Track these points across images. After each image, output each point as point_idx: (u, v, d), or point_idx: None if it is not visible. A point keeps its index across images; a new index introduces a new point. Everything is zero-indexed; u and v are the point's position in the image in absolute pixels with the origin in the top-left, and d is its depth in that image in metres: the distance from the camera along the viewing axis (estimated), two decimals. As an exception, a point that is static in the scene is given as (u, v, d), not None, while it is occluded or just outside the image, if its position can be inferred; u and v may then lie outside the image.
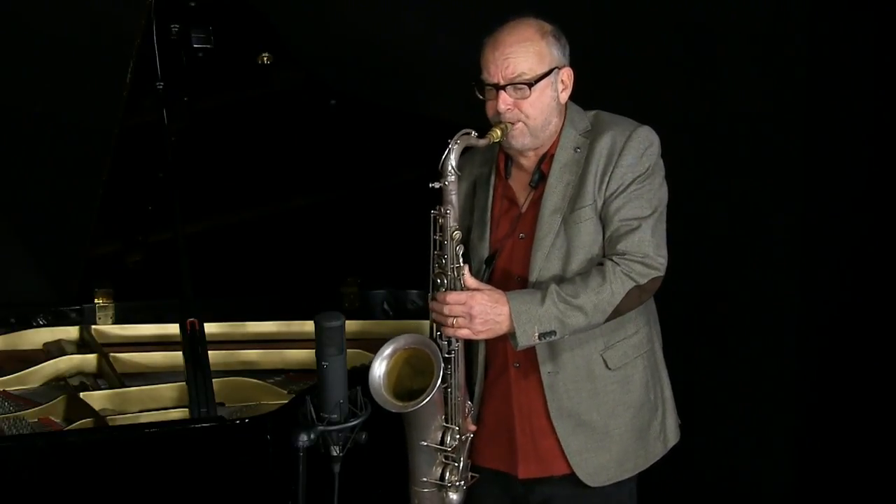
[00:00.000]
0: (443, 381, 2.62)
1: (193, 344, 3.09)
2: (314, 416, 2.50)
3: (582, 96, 2.77)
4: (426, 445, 2.70)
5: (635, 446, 2.77)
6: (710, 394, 4.25)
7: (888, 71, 3.92)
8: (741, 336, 4.27)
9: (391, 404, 2.59)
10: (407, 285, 3.87)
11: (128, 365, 3.44)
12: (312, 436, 2.47)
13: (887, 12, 3.89)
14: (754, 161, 4.18)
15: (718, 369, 4.29)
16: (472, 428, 2.78)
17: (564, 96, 2.72)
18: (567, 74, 2.71)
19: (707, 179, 4.17)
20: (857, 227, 4.05)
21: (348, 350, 2.53)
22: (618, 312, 2.64)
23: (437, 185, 2.62)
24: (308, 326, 3.25)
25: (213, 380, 3.05)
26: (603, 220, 2.68)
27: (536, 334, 2.59)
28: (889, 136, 3.93)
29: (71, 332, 3.61)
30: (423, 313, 2.70)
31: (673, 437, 2.86)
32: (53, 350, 3.51)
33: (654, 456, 2.81)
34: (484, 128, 2.67)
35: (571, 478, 2.74)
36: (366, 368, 2.63)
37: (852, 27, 4.00)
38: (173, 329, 3.37)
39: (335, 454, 2.52)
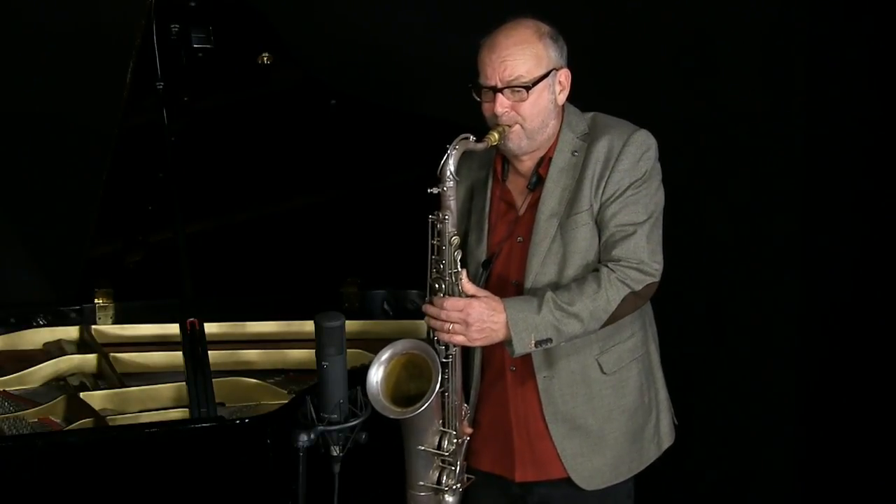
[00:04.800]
0: (440, 386, 2.61)
1: (193, 344, 3.09)
2: (314, 416, 2.50)
3: (581, 97, 2.77)
4: (423, 450, 2.70)
5: (630, 450, 2.77)
6: (710, 394, 4.25)
7: (888, 71, 3.92)
8: (740, 336, 4.28)
9: (389, 410, 2.58)
10: (407, 285, 3.86)
11: (128, 365, 3.44)
12: (312, 436, 2.47)
13: (887, 12, 3.89)
14: (754, 161, 4.19)
15: (717, 370, 4.29)
16: (469, 431, 2.78)
17: (562, 98, 2.71)
18: (565, 76, 2.70)
19: (707, 180, 4.17)
20: (857, 227, 4.05)
21: (348, 350, 2.53)
22: (614, 318, 2.64)
23: (435, 190, 2.61)
24: (308, 326, 3.25)
25: (213, 380, 3.05)
26: (599, 224, 2.67)
27: (533, 342, 2.58)
28: (889, 136, 3.93)
29: (71, 332, 3.61)
30: (423, 314, 2.70)
31: (667, 439, 2.85)
32: (53, 350, 3.51)
33: (647, 459, 2.81)
34: (484, 128, 2.66)
35: (568, 480, 2.73)
36: (366, 368, 2.62)
37: (852, 27, 4.01)
38: (173, 329, 3.37)
39: (335, 454, 2.52)
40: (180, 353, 3.12)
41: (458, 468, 2.75)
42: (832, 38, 4.05)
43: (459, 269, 2.62)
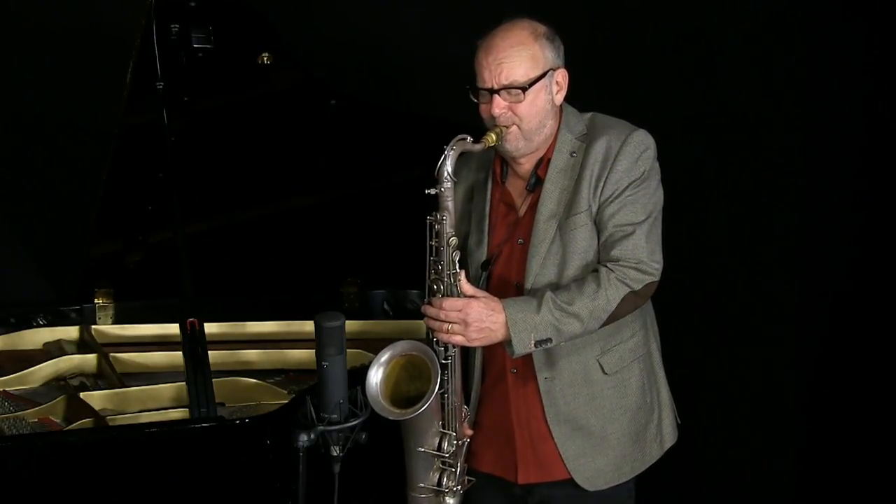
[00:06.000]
0: (440, 388, 2.61)
1: (193, 344, 3.09)
2: (314, 416, 2.50)
3: (579, 97, 2.77)
4: (423, 451, 2.70)
5: (632, 450, 2.77)
6: (711, 393, 4.25)
7: (888, 71, 3.92)
8: (741, 336, 4.28)
9: (388, 412, 2.58)
10: (407, 285, 3.87)
11: (128, 365, 3.44)
12: (312, 436, 2.47)
13: (887, 12, 3.89)
14: (754, 161, 4.18)
15: (718, 369, 4.29)
16: (469, 432, 2.78)
17: (559, 98, 2.71)
18: (562, 76, 2.70)
19: (707, 180, 4.17)
20: (857, 227, 4.05)
21: (348, 350, 2.53)
22: (613, 318, 2.64)
23: (432, 191, 2.61)
24: (308, 326, 3.25)
25: (213, 380, 3.05)
26: (598, 225, 2.67)
27: (532, 342, 2.58)
28: (889, 137, 3.93)
29: (71, 332, 3.61)
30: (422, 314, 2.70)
31: (670, 438, 2.85)
32: (53, 350, 3.51)
33: (650, 458, 2.81)
34: (484, 128, 2.66)
35: (570, 481, 2.73)
36: (366, 368, 2.62)
37: (852, 27, 4.01)
38: (173, 329, 3.37)
39: (335, 454, 2.52)
40: (180, 353, 3.12)
41: (459, 470, 2.75)
42: (832, 38, 4.05)
43: (458, 270, 2.62)
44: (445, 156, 2.60)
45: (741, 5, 4.11)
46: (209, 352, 3.10)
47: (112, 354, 3.43)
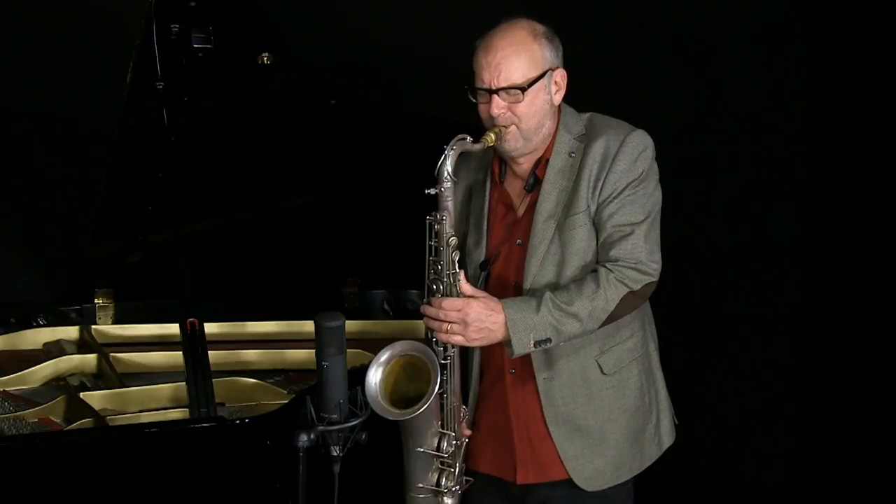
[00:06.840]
0: (439, 388, 2.60)
1: (193, 344, 3.09)
2: (314, 417, 2.50)
3: (578, 97, 2.77)
4: (422, 452, 2.70)
5: (631, 450, 2.77)
6: (709, 393, 4.25)
7: (888, 71, 3.92)
8: (739, 336, 4.28)
9: (388, 412, 2.58)
10: (407, 285, 3.87)
11: (128, 365, 3.44)
12: (312, 436, 2.47)
13: (887, 12, 3.89)
14: (754, 161, 4.19)
15: (717, 369, 4.29)
16: (468, 432, 2.78)
17: (558, 98, 2.71)
18: (560, 76, 2.69)
19: (706, 180, 4.18)
20: (857, 227, 4.06)
21: (348, 350, 2.54)
22: (612, 318, 2.64)
23: (432, 191, 2.61)
24: (308, 326, 3.25)
25: (213, 380, 3.05)
26: (596, 225, 2.67)
27: (532, 342, 2.58)
28: (889, 137, 3.94)
29: (71, 332, 3.61)
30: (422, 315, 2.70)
31: (668, 438, 2.85)
32: (53, 350, 3.51)
33: (649, 458, 2.81)
34: (482, 129, 2.66)
35: (568, 481, 2.73)
36: (366, 368, 2.62)
37: (852, 27, 4.01)
38: (173, 329, 3.37)
39: (335, 454, 2.52)
40: (180, 353, 3.12)
41: (457, 470, 2.75)
42: (832, 38, 4.05)
43: (457, 270, 2.62)
44: (445, 156, 2.60)
45: (741, 6, 4.11)
46: (209, 352, 3.10)
47: (112, 354, 3.43)
